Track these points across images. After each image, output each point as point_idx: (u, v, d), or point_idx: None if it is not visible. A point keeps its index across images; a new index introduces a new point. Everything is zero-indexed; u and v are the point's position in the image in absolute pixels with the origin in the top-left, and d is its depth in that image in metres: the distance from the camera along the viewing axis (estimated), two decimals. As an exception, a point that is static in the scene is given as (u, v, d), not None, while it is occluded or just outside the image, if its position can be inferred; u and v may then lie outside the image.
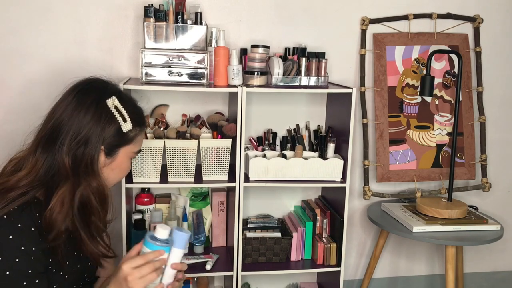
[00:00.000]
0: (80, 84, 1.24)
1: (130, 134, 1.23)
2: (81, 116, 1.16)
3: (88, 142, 1.16)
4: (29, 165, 1.16)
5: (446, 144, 2.13)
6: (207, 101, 1.94)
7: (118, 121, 1.20)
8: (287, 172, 1.75)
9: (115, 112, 1.20)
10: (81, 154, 1.16)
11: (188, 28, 1.70)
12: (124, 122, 1.21)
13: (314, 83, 1.77)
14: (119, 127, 1.20)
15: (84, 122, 1.16)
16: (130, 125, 1.22)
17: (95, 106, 1.18)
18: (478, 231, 1.87)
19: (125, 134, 1.22)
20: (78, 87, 1.22)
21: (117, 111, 1.20)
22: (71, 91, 1.21)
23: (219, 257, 1.85)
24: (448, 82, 2.11)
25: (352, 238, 2.21)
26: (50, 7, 1.79)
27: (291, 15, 1.96)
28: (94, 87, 1.23)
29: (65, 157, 1.14)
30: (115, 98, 1.21)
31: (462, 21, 2.10)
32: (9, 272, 1.06)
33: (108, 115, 1.19)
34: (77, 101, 1.18)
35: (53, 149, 1.16)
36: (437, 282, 2.36)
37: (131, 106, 1.26)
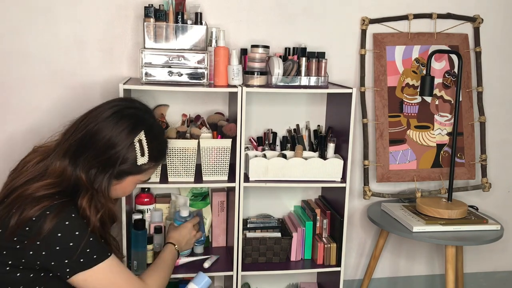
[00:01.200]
0: (120, 104, 1.29)
1: (143, 166, 1.29)
2: (111, 140, 1.22)
3: (105, 168, 1.23)
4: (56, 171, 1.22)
5: (446, 144, 2.13)
6: (207, 101, 1.94)
7: (136, 153, 1.25)
8: (287, 172, 1.75)
9: (137, 145, 1.25)
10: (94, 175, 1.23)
11: (188, 28, 1.70)
12: (142, 156, 1.27)
13: (314, 83, 1.77)
14: (135, 158, 1.25)
15: (111, 145, 1.22)
16: (146, 159, 1.28)
17: (126, 134, 1.24)
18: (478, 231, 1.87)
19: (139, 166, 1.28)
20: (118, 106, 1.28)
21: (139, 145, 1.25)
22: (110, 108, 1.26)
23: (219, 257, 1.85)
24: (448, 82, 2.11)
25: (352, 238, 2.21)
26: (50, 7, 1.79)
27: (291, 15, 1.96)
28: (132, 114, 1.28)
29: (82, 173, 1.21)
30: (143, 133, 1.26)
31: (462, 21, 2.10)
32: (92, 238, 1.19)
33: (132, 146, 1.24)
34: (113, 122, 1.24)
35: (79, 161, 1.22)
36: (437, 282, 2.36)
37: (157, 142, 1.32)
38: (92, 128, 1.23)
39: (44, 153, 1.28)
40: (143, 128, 1.27)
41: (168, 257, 1.52)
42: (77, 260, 1.16)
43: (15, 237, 1.14)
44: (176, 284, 1.94)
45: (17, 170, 1.28)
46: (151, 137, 1.29)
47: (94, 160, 1.22)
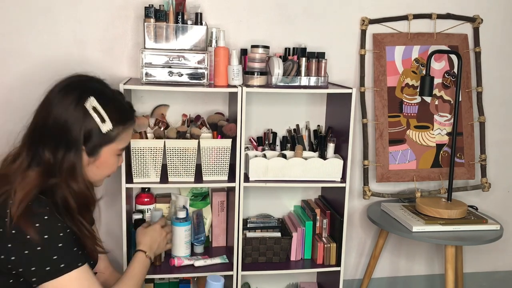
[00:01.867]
0: (62, 82, 1.23)
1: (111, 133, 1.22)
2: (62, 117, 1.16)
3: (69, 147, 1.17)
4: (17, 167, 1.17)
5: (446, 144, 2.13)
6: (207, 101, 1.94)
7: (96, 121, 1.19)
8: (287, 172, 1.75)
9: (93, 113, 1.18)
10: (62, 157, 1.16)
11: (188, 28, 1.70)
12: (103, 122, 1.20)
13: (314, 83, 1.78)
14: (98, 127, 1.19)
15: (64, 123, 1.16)
16: (110, 125, 1.21)
17: (74, 106, 1.17)
18: (477, 231, 1.87)
19: (106, 134, 1.21)
20: (60, 85, 1.22)
21: (95, 112, 1.18)
22: (52, 91, 1.22)
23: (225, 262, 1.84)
24: (448, 82, 2.11)
25: (352, 238, 2.21)
26: (50, 7, 1.79)
27: (291, 15, 1.96)
28: (75, 86, 1.22)
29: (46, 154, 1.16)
30: (94, 98, 1.19)
31: (462, 21, 2.10)
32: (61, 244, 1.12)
33: (87, 116, 1.18)
34: (58, 101, 1.18)
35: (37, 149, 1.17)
36: (437, 282, 2.36)
37: (114, 104, 1.24)
38: (41, 112, 1.19)
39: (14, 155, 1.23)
40: (92, 95, 1.19)
41: (137, 267, 1.41)
42: (43, 268, 1.10)
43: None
44: (176, 284, 1.95)
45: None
46: (105, 100, 1.21)
47: (54, 142, 1.16)
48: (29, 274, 1.10)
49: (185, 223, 1.78)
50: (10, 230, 1.08)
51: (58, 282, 1.11)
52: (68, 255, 1.13)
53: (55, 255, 1.11)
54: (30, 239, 1.08)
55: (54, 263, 1.11)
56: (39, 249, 1.09)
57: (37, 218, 1.10)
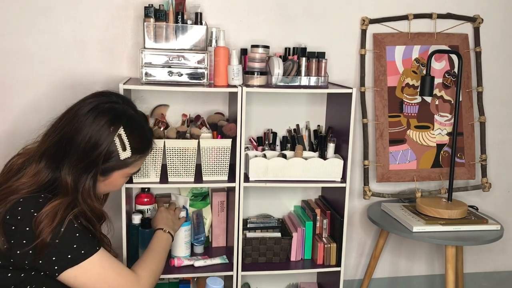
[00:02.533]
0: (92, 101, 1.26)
1: (128, 160, 1.28)
2: (91, 140, 1.20)
3: (88, 169, 1.22)
4: (31, 173, 1.20)
5: (446, 144, 2.13)
6: (207, 101, 1.94)
7: (117, 148, 1.24)
8: (287, 172, 1.75)
9: (117, 140, 1.23)
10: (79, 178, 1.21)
11: (188, 28, 1.70)
12: (123, 151, 1.25)
13: (314, 83, 1.77)
14: (117, 154, 1.24)
15: (91, 146, 1.20)
16: (129, 153, 1.26)
17: (104, 131, 1.21)
18: (478, 231, 1.87)
19: (122, 160, 1.26)
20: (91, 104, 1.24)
21: (119, 140, 1.24)
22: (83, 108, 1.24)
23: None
24: (448, 82, 2.11)
25: (352, 238, 2.21)
26: (50, 7, 1.79)
27: (291, 15, 1.96)
28: (108, 109, 1.25)
29: (67, 176, 1.20)
30: (123, 127, 1.24)
31: (462, 21, 2.10)
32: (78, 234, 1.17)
33: (111, 142, 1.23)
34: (89, 123, 1.21)
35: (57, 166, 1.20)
36: (437, 282, 2.36)
37: (138, 133, 1.30)
38: (70, 129, 1.21)
39: (27, 155, 1.27)
40: (122, 122, 1.25)
41: (158, 244, 1.49)
42: (65, 257, 1.15)
43: (2, 236, 1.12)
44: (176, 284, 1.94)
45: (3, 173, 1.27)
46: (131, 129, 1.27)
47: (76, 161, 1.20)
48: (50, 264, 1.14)
49: (185, 223, 1.78)
50: (24, 227, 1.12)
51: (81, 268, 1.17)
52: (86, 242, 1.19)
53: (75, 243, 1.16)
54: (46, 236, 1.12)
55: (75, 250, 1.16)
56: (58, 241, 1.13)
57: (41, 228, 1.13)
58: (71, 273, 1.16)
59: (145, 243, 1.70)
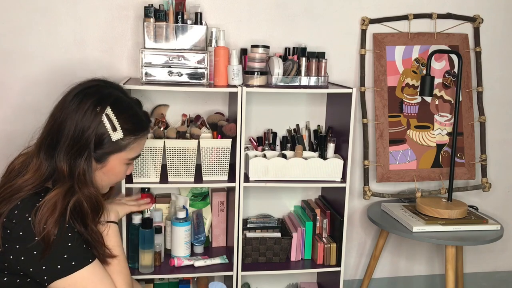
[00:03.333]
0: (81, 86, 1.24)
1: (121, 142, 1.22)
2: (77, 124, 1.17)
3: (81, 153, 1.18)
4: (33, 168, 1.19)
5: (446, 144, 2.13)
6: (207, 101, 1.94)
7: (107, 129, 1.19)
8: (287, 172, 1.75)
9: (106, 121, 1.19)
10: (74, 163, 1.18)
11: (188, 28, 1.70)
12: (114, 131, 1.20)
13: (314, 83, 1.77)
14: (108, 135, 1.20)
15: (79, 129, 1.17)
16: (120, 134, 1.21)
17: (90, 113, 1.18)
18: (478, 231, 1.87)
19: (115, 142, 1.21)
20: (78, 88, 1.22)
21: (108, 120, 1.19)
22: (71, 92, 1.22)
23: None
24: (448, 82, 2.11)
25: (352, 238, 2.21)
26: (50, 7, 1.79)
27: (291, 15, 1.96)
28: (94, 92, 1.22)
29: (63, 163, 1.17)
30: (110, 107, 1.20)
31: (462, 21, 2.10)
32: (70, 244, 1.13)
33: (100, 123, 1.18)
34: (75, 106, 1.19)
35: (53, 154, 1.18)
36: (437, 282, 2.36)
37: (128, 114, 1.24)
38: (59, 117, 1.19)
39: (28, 154, 1.25)
40: (108, 102, 1.20)
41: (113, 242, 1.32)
42: (54, 267, 1.11)
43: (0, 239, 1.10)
44: (176, 284, 1.94)
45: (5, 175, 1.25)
46: (120, 110, 1.22)
47: (68, 147, 1.17)
48: (40, 273, 1.11)
49: (185, 223, 1.78)
50: (18, 232, 1.09)
51: (71, 279, 1.12)
52: (78, 253, 1.14)
53: (65, 254, 1.12)
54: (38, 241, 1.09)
55: (65, 261, 1.12)
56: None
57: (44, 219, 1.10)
58: (60, 284, 1.12)
59: (145, 243, 1.70)
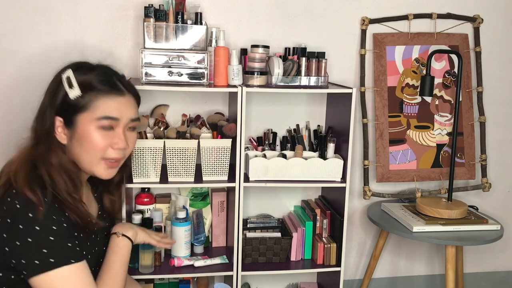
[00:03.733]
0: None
1: (81, 100, 1.17)
2: (45, 95, 1.23)
3: (44, 115, 1.20)
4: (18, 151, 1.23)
5: (446, 144, 2.13)
6: (207, 101, 1.94)
7: (64, 88, 1.18)
8: (287, 172, 1.75)
9: (64, 81, 1.18)
10: (40, 126, 1.20)
11: (188, 28, 1.70)
12: (70, 88, 1.17)
13: (314, 83, 1.77)
14: (65, 94, 1.18)
15: (44, 98, 1.23)
16: (78, 91, 1.17)
17: (52, 81, 1.23)
18: (478, 231, 1.87)
19: (76, 102, 1.17)
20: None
21: (66, 80, 1.18)
22: None
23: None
24: (448, 82, 2.11)
25: (352, 238, 2.21)
26: (50, 7, 1.79)
27: (291, 15, 1.96)
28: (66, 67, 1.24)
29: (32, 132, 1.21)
30: (70, 69, 1.21)
31: (462, 21, 2.10)
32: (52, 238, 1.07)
33: (58, 85, 1.20)
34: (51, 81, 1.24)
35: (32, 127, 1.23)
36: (437, 282, 2.36)
37: (90, 73, 1.22)
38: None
39: None
40: (70, 66, 1.22)
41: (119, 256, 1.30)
42: (33, 261, 1.05)
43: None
44: (176, 284, 1.94)
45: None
46: (82, 70, 1.21)
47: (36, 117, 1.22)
48: (20, 266, 1.06)
49: (185, 223, 1.78)
50: (6, 219, 1.05)
51: (47, 277, 1.05)
52: (59, 250, 1.07)
53: (45, 248, 1.05)
54: (22, 229, 1.04)
55: (44, 256, 1.05)
56: (30, 240, 1.04)
57: (31, 207, 1.05)
58: (37, 281, 1.06)
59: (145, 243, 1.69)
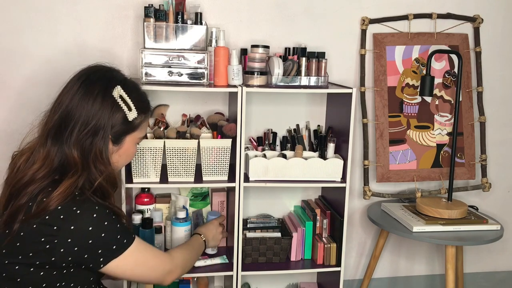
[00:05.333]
0: (85, 73, 1.27)
1: (135, 121, 1.28)
2: (89, 107, 1.20)
3: (96, 133, 1.21)
4: (42, 157, 1.20)
5: (446, 144, 2.13)
6: (207, 101, 1.94)
7: (123, 110, 1.24)
8: (287, 172, 1.75)
9: (121, 102, 1.23)
10: (90, 144, 1.20)
11: (188, 28, 1.70)
12: (130, 111, 1.25)
13: (314, 83, 1.77)
14: (124, 116, 1.24)
15: (92, 112, 1.20)
16: (135, 113, 1.26)
17: (102, 96, 1.21)
18: (478, 231, 1.87)
19: (131, 122, 1.26)
20: (83, 76, 1.25)
21: (122, 101, 1.24)
22: (77, 80, 1.25)
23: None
24: (448, 82, 2.11)
25: (352, 238, 2.21)
26: (50, 7, 1.79)
27: (291, 15, 1.96)
28: (100, 76, 1.26)
29: (73, 149, 1.19)
30: (120, 87, 1.24)
31: (462, 21, 2.10)
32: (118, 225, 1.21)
33: (114, 104, 1.22)
34: (84, 91, 1.21)
35: (62, 140, 1.19)
36: (437, 282, 2.36)
37: (136, 93, 1.30)
38: (67, 105, 1.20)
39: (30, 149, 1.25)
40: (118, 83, 1.25)
41: (194, 242, 1.60)
42: (110, 248, 1.19)
43: (42, 237, 1.13)
44: (176, 284, 1.94)
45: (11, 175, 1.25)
46: (129, 89, 1.27)
47: (79, 132, 1.19)
48: (95, 256, 1.17)
49: (185, 223, 1.78)
50: (69, 226, 1.13)
51: (124, 256, 1.21)
52: (126, 232, 1.23)
53: (118, 234, 1.20)
54: (91, 230, 1.15)
55: (118, 241, 1.20)
56: (104, 235, 1.16)
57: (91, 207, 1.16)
58: (114, 263, 1.20)
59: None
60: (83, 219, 1.14)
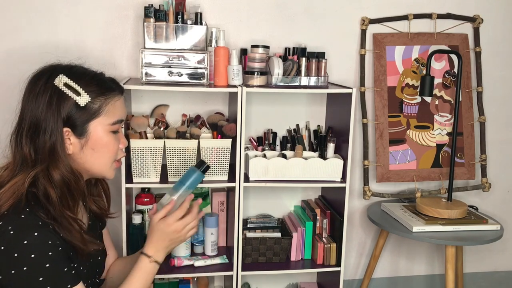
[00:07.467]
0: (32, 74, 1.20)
1: (93, 106, 1.15)
2: (34, 104, 1.12)
3: (47, 128, 1.11)
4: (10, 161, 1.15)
5: (446, 144, 2.13)
6: (207, 101, 1.94)
7: (71, 97, 1.12)
8: (287, 172, 1.75)
9: (66, 89, 1.13)
10: (42, 142, 1.11)
11: (188, 28, 1.70)
12: (78, 95, 1.13)
13: (314, 83, 1.78)
14: (75, 103, 1.13)
15: (39, 108, 1.12)
16: (87, 97, 1.14)
17: (44, 89, 1.12)
18: (478, 231, 1.87)
19: (87, 108, 1.14)
20: (30, 77, 1.18)
21: (67, 88, 1.13)
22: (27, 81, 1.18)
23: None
24: (448, 82, 2.11)
25: (352, 238, 2.21)
26: (50, 7, 1.79)
27: (291, 15, 1.96)
28: (42, 72, 1.18)
29: (25, 147, 1.12)
30: (63, 75, 1.14)
31: (462, 21, 2.10)
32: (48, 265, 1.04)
33: (60, 94, 1.12)
34: (29, 91, 1.15)
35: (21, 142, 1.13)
36: (437, 282, 2.36)
37: (86, 77, 1.18)
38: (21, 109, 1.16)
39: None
40: (60, 72, 1.15)
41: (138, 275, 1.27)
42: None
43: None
44: (176, 284, 1.94)
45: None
46: (76, 75, 1.16)
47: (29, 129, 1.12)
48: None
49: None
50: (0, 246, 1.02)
51: None
52: (55, 277, 1.05)
53: (41, 276, 1.03)
54: (17, 257, 1.02)
55: (40, 285, 1.03)
56: (25, 269, 1.02)
57: (26, 233, 1.03)
58: None
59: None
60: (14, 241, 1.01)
